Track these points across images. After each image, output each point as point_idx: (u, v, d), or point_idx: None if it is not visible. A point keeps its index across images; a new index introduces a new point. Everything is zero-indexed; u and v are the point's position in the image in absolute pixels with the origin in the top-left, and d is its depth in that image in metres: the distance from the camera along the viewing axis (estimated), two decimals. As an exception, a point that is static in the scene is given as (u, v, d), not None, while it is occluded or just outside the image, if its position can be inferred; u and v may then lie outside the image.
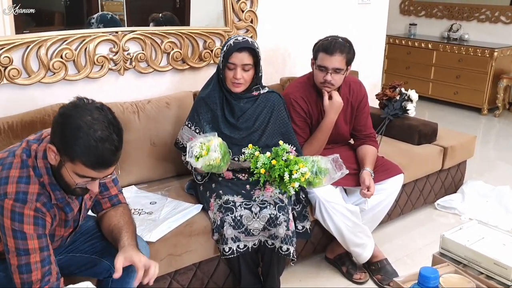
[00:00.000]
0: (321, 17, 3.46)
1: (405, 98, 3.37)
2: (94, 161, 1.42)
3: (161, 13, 3.11)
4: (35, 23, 2.87)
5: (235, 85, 2.22)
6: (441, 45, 5.81)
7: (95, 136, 1.39)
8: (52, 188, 1.52)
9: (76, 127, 1.39)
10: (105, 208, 1.77)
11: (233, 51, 2.17)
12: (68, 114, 1.42)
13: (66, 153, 1.42)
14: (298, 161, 2.06)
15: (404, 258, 2.78)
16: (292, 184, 2.03)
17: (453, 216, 3.28)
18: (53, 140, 1.45)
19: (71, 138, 1.39)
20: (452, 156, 3.26)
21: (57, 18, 2.97)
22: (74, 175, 1.46)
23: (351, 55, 2.44)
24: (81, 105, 1.44)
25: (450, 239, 1.69)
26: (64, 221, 1.62)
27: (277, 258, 2.17)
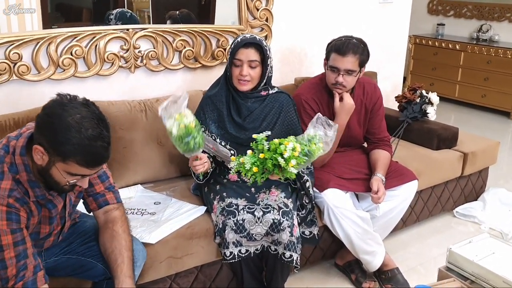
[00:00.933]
0: (340, 16, 3.37)
1: (425, 101, 3.26)
2: (89, 159, 1.40)
3: (179, 10, 3.09)
4: (64, 19, 2.89)
5: (241, 83, 2.17)
6: (469, 46, 5.62)
7: (87, 134, 1.37)
8: (31, 185, 1.49)
9: (67, 127, 1.36)
10: (92, 208, 1.74)
11: (240, 47, 2.12)
12: (56, 113, 1.38)
13: (57, 153, 1.39)
14: (281, 141, 1.92)
15: (418, 267, 2.69)
16: (290, 165, 1.88)
17: (473, 225, 3.15)
18: (39, 141, 1.42)
19: (62, 138, 1.37)
20: (473, 162, 3.13)
21: (85, 14, 2.99)
22: (66, 174, 1.44)
23: (364, 57, 2.36)
24: (66, 103, 1.40)
25: (457, 253, 1.61)
26: (49, 218, 1.58)
27: (281, 264, 2.11)
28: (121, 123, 2.35)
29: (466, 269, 1.57)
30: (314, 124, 2.02)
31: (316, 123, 1.99)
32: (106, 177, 1.76)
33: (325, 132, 1.96)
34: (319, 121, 2.00)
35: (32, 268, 1.48)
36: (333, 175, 2.43)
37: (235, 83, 2.18)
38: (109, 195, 1.75)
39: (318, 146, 1.95)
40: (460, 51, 5.71)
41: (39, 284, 1.48)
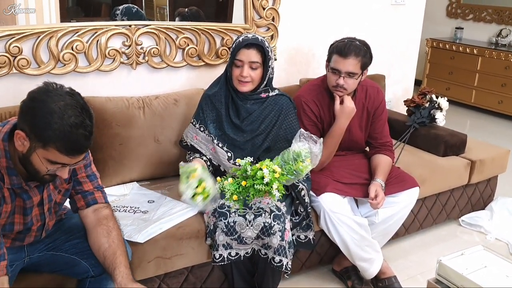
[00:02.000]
0: (349, 17, 3.31)
1: (434, 105, 3.18)
2: (68, 147, 1.39)
3: (188, 7, 3.08)
4: (83, 14, 2.91)
5: (242, 84, 2.14)
6: (487, 51, 5.49)
7: (69, 121, 1.37)
8: (9, 172, 1.48)
9: (49, 112, 1.36)
10: (79, 206, 1.72)
11: (241, 48, 2.09)
12: (40, 99, 1.38)
13: (38, 139, 1.38)
14: (260, 164, 1.90)
15: (418, 276, 2.62)
16: (274, 188, 1.87)
17: (478, 235, 3.07)
18: (21, 126, 1.41)
19: (44, 123, 1.36)
20: (481, 170, 3.05)
21: (104, 9, 3.01)
22: (46, 162, 1.43)
23: (367, 59, 2.31)
24: (51, 90, 1.40)
25: (447, 265, 1.56)
26: (23, 209, 1.56)
27: (271, 268, 2.07)
28: (118, 119, 2.33)
29: (455, 282, 1.51)
30: (297, 140, 1.99)
31: (300, 139, 1.96)
32: (95, 177, 1.75)
33: (310, 148, 1.93)
34: (302, 136, 1.97)
35: None
36: (331, 179, 2.38)
37: (235, 83, 2.15)
38: (97, 194, 1.74)
39: (304, 165, 1.92)
40: (477, 56, 5.58)
41: None
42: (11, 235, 1.61)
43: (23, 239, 1.65)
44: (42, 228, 1.68)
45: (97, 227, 1.68)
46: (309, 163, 1.99)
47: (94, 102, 2.31)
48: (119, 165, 2.35)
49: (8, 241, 1.63)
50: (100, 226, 1.68)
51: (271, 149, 2.21)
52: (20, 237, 1.64)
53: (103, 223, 1.68)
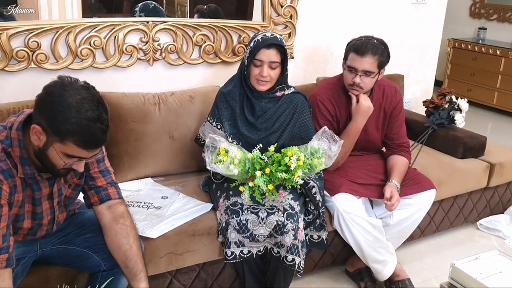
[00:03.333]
0: (369, 16, 3.27)
1: (454, 107, 3.13)
2: (86, 140, 1.40)
3: (207, 5, 3.08)
4: (105, 10, 2.94)
5: (260, 83, 2.13)
6: (510, 52, 5.38)
7: (87, 115, 1.37)
8: (22, 161, 1.48)
9: (67, 107, 1.36)
10: (93, 202, 1.72)
11: (261, 47, 2.08)
12: (57, 93, 1.38)
13: (55, 132, 1.39)
14: (284, 152, 1.91)
15: (432, 279, 2.58)
16: (296, 175, 1.88)
17: (496, 239, 3.01)
18: (38, 120, 1.41)
19: (62, 117, 1.36)
20: (501, 173, 2.99)
21: (126, 6, 3.04)
22: (63, 156, 1.43)
23: (384, 58, 2.28)
24: (67, 84, 1.40)
25: (461, 269, 1.53)
26: (33, 199, 1.57)
27: (283, 267, 2.06)
28: (133, 115, 2.34)
29: (469, 287, 1.48)
30: (319, 137, 1.98)
31: (321, 136, 1.95)
32: (108, 173, 1.75)
33: (329, 147, 1.91)
34: (324, 134, 1.95)
35: None
36: (345, 179, 2.36)
37: (253, 83, 2.14)
38: (111, 190, 1.73)
39: (320, 161, 1.92)
40: (500, 57, 5.47)
41: None
42: (23, 231, 1.62)
43: (35, 233, 1.67)
44: (53, 222, 1.69)
45: (114, 225, 1.68)
46: (324, 161, 1.98)
47: (110, 98, 2.33)
48: (134, 160, 2.36)
49: (20, 237, 1.65)
50: (117, 224, 1.68)
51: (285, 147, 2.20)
52: (32, 232, 1.65)
53: (120, 222, 1.68)
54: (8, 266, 1.46)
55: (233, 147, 1.91)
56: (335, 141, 2.01)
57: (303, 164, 1.91)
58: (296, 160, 1.88)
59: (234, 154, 1.85)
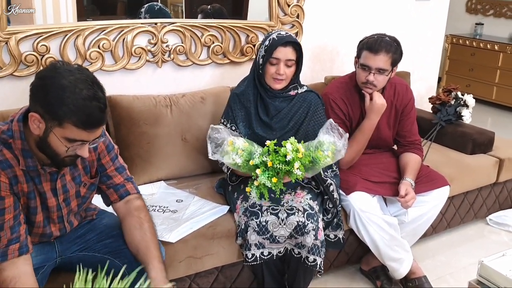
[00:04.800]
0: (373, 14, 3.27)
1: (460, 103, 3.14)
2: (85, 120, 1.37)
3: (211, 4, 3.06)
4: (99, 12, 2.91)
5: (277, 82, 2.12)
6: (508, 47, 5.41)
7: (82, 95, 1.35)
8: (24, 154, 1.46)
9: (61, 88, 1.34)
10: (113, 200, 1.71)
11: (278, 45, 2.06)
12: (49, 76, 1.36)
13: (53, 117, 1.36)
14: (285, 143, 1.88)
15: (447, 276, 2.58)
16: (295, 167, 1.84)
17: (507, 234, 3.02)
18: (34, 108, 1.38)
19: (57, 99, 1.34)
20: (509, 168, 3.00)
21: (120, 7, 3.00)
22: (64, 140, 1.40)
23: (397, 56, 2.27)
24: (59, 67, 1.38)
25: (490, 266, 1.52)
26: (39, 192, 1.54)
27: (304, 268, 2.04)
28: (145, 118, 2.32)
29: (499, 284, 1.47)
30: (325, 130, 1.95)
31: (327, 130, 1.92)
32: (123, 169, 1.73)
33: (334, 140, 1.88)
34: (330, 127, 1.93)
35: (6, 241, 1.44)
36: (359, 177, 2.35)
37: (269, 81, 2.12)
38: (129, 185, 1.72)
39: (324, 154, 1.88)
40: (498, 52, 5.50)
41: (9, 257, 1.44)
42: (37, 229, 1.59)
43: (49, 234, 1.63)
44: (62, 220, 1.65)
45: (127, 217, 1.67)
46: (330, 156, 1.93)
47: (121, 101, 2.30)
48: (147, 163, 2.33)
49: (35, 238, 1.62)
50: (131, 217, 1.66)
51: None
52: (46, 233, 1.62)
53: (135, 214, 1.67)
54: (22, 254, 1.45)
55: (239, 139, 1.88)
56: (340, 135, 1.98)
57: (303, 156, 1.87)
58: (295, 152, 1.85)
59: (237, 145, 1.82)
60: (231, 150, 1.87)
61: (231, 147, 1.85)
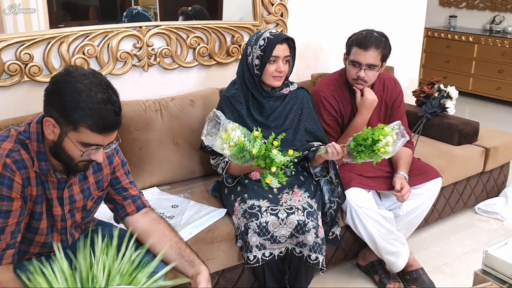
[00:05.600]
0: (355, 10, 3.28)
1: (444, 95, 3.18)
2: (100, 124, 1.35)
3: (191, 6, 3.02)
4: (71, 18, 2.84)
5: (277, 79, 2.12)
6: (483, 38, 5.52)
7: (97, 98, 1.33)
8: (39, 157, 1.44)
9: (76, 91, 1.33)
10: (129, 212, 1.68)
11: (276, 43, 2.06)
12: (64, 80, 1.35)
13: (68, 121, 1.34)
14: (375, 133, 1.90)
15: (442, 267, 2.61)
16: (382, 151, 1.87)
17: (495, 222, 3.07)
18: (49, 113, 1.37)
19: (72, 103, 1.32)
20: (495, 157, 3.05)
21: (92, 12, 2.94)
22: (79, 145, 1.38)
23: (386, 51, 2.28)
24: (73, 71, 1.37)
25: (494, 255, 1.53)
26: (47, 198, 1.51)
27: (305, 266, 2.04)
28: (136, 123, 2.28)
29: (505, 272, 1.49)
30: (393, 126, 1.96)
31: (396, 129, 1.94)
32: (135, 184, 1.73)
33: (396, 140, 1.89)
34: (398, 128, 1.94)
35: (5, 245, 1.41)
36: (354, 173, 2.35)
37: (268, 80, 2.11)
38: (143, 198, 1.72)
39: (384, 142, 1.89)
40: (473, 43, 5.60)
41: (4, 262, 1.42)
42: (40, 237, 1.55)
43: (51, 244, 1.58)
44: (66, 232, 1.61)
45: (157, 225, 1.65)
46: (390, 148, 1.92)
47: (110, 107, 2.25)
48: (139, 170, 2.29)
49: (36, 249, 1.58)
50: (160, 224, 1.66)
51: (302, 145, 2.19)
52: (48, 240, 1.57)
53: (162, 222, 1.67)
54: (14, 261, 1.44)
55: (238, 131, 1.81)
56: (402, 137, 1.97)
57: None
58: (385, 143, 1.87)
59: (232, 136, 1.79)
60: (224, 138, 1.80)
61: (226, 135, 1.80)
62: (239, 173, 2.12)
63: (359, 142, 1.93)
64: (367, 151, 1.92)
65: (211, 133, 1.83)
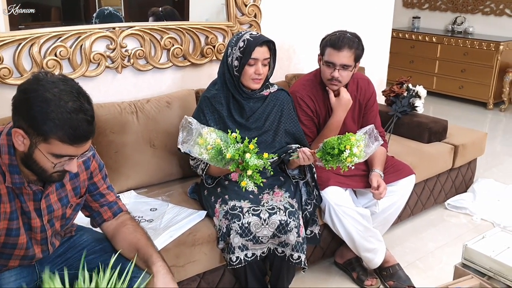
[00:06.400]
0: (326, 12, 3.32)
1: (412, 94, 3.25)
2: (71, 134, 1.28)
3: (161, 7, 2.99)
4: (31, 18, 2.76)
5: (256, 81, 2.11)
6: (445, 39, 5.68)
7: (67, 107, 1.26)
8: (11, 169, 1.37)
9: (44, 101, 1.25)
10: (106, 218, 1.64)
11: (256, 46, 2.05)
12: (32, 89, 1.27)
13: (37, 132, 1.28)
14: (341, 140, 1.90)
15: (416, 262, 2.67)
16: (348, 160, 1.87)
17: (465, 216, 3.16)
18: (18, 123, 1.30)
19: (41, 114, 1.25)
20: (463, 154, 3.15)
21: (54, 13, 2.86)
22: (51, 156, 1.32)
23: (360, 51, 2.32)
24: (42, 79, 1.29)
25: (473, 249, 1.58)
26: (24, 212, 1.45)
27: (287, 266, 2.05)
28: (111, 126, 2.24)
29: (484, 265, 1.54)
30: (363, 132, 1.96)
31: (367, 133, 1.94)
32: (112, 188, 1.69)
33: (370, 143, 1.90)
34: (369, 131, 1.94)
35: None
36: (331, 172, 2.37)
37: (247, 82, 2.10)
38: (120, 203, 1.69)
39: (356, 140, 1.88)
40: (437, 44, 5.76)
41: None
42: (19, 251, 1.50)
43: (32, 256, 1.54)
44: (46, 242, 1.57)
45: (121, 228, 1.62)
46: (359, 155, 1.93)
47: (85, 110, 2.20)
48: (116, 173, 2.25)
49: (16, 261, 1.53)
50: (124, 226, 1.62)
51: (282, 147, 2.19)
52: (28, 255, 1.53)
53: (127, 223, 1.63)
54: None
55: (213, 134, 1.80)
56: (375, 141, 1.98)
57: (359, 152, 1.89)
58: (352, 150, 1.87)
59: (208, 140, 1.77)
60: (201, 143, 1.79)
61: (201, 140, 1.79)
62: (219, 174, 2.11)
63: (326, 151, 1.94)
64: (335, 160, 1.94)
65: (186, 141, 1.81)
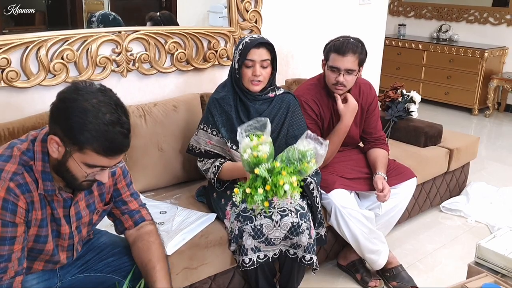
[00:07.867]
0: (323, 18, 3.38)
1: (407, 99, 3.33)
2: (106, 147, 1.29)
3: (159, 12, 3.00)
4: (14, 23, 2.73)
5: (254, 83, 2.13)
6: (431, 46, 5.80)
7: (105, 119, 1.27)
8: (44, 176, 1.37)
9: (83, 111, 1.26)
10: (127, 227, 1.64)
11: (251, 47, 2.08)
12: (71, 98, 1.28)
13: (73, 141, 1.29)
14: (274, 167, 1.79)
15: (416, 263, 2.72)
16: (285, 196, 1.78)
17: (459, 219, 3.24)
18: (54, 130, 1.31)
19: (78, 124, 1.26)
20: (458, 158, 3.22)
21: (38, 17, 2.84)
22: (84, 166, 1.32)
23: (363, 56, 2.38)
24: (82, 88, 1.30)
25: (486, 248, 1.63)
26: (54, 218, 1.45)
27: (298, 267, 2.08)
28: (120, 129, 2.24)
29: (497, 263, 1.59)
30: (303, 139, 1.95)
31: (306, 140, 1.94)
32: (137, 195, 1.68)
33: (316, 149, 1.90)
34: (308, 138, 1.93)
35: (13, 273, 1.36)
36: (336, 175, 2.42)
37: (247, 84, 2.13)
38: (143, 212, 1.67)
39: (309, 165, 1.84)
40: (423, 51, 5.88)
41: None
42: (44, 256, 1.50)
43: (56, 261, 1.54)
44: (73, 248, 1.57)
45: (137, 243, 1.61)
46: (314, 163, 1.96)
47: (93, 113, 2.20)
48: (124, 177, 2.25)
49: (41, 264, 1.53)
50: (141, 241, 1.61)
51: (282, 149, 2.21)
52: (53, 259, 1.53)
53: (144, 238, 1.61)
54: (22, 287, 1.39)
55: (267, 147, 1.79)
56: (320, 143, 2.01)
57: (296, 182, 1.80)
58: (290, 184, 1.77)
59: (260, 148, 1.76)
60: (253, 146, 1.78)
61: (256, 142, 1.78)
62: (230, 178, 2.13)
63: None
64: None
65: (248, 129, 1.81)
